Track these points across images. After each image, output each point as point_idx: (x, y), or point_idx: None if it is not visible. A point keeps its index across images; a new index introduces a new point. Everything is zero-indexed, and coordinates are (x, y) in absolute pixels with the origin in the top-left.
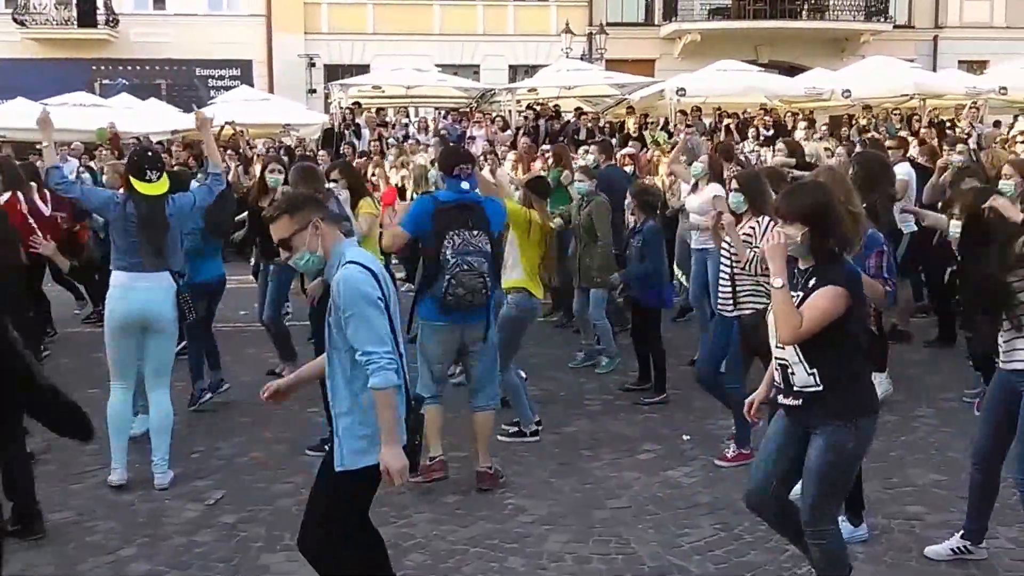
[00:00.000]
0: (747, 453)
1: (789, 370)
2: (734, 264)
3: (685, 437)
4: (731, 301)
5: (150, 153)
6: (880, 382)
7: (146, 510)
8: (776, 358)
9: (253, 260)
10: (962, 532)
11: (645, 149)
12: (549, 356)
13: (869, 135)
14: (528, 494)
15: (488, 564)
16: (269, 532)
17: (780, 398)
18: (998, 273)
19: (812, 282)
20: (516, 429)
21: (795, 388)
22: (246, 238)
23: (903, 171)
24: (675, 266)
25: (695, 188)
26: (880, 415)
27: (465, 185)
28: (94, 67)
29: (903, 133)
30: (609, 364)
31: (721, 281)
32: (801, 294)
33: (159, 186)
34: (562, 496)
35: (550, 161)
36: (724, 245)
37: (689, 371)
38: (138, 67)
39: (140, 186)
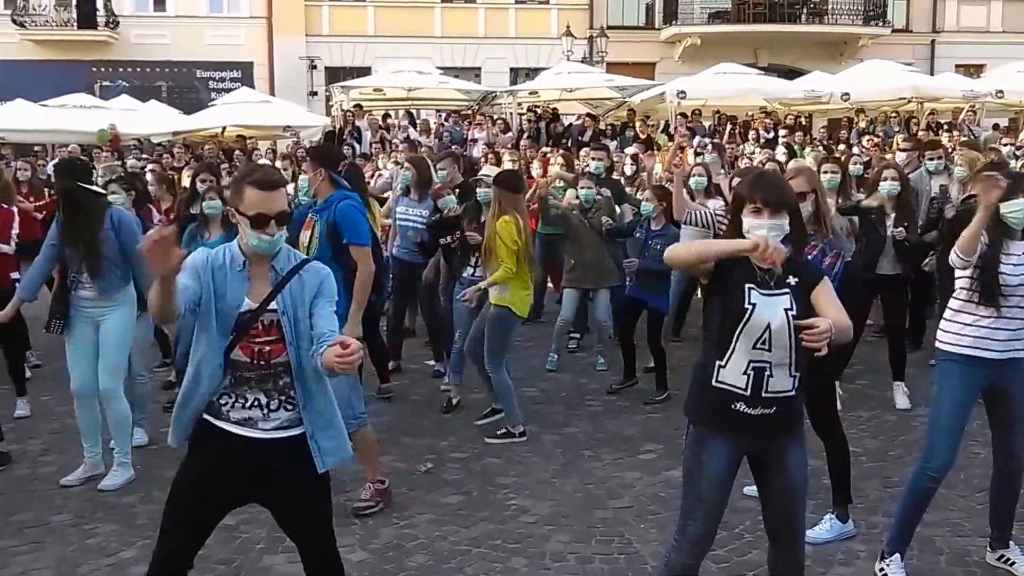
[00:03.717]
0: None
1: (767, 373)
2: None
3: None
4: None
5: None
6: (898, 389)
7: (146, 512)
8: (753, 361)
9: None
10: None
11: (650, 151)
12: (548, 357)
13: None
14: (530, 494)
15: (491, 564)
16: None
17: (742, 407)
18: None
19: (792, 279)
20: (504, 430)
21: (766, 394)
22: None
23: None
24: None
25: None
26: (880, 415)
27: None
28: (94, 69)
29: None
30: (605, 363)
31: None
32: (785, 291)
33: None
34: (564, 496)
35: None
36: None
37: (688, 371)
38: (138, 69)
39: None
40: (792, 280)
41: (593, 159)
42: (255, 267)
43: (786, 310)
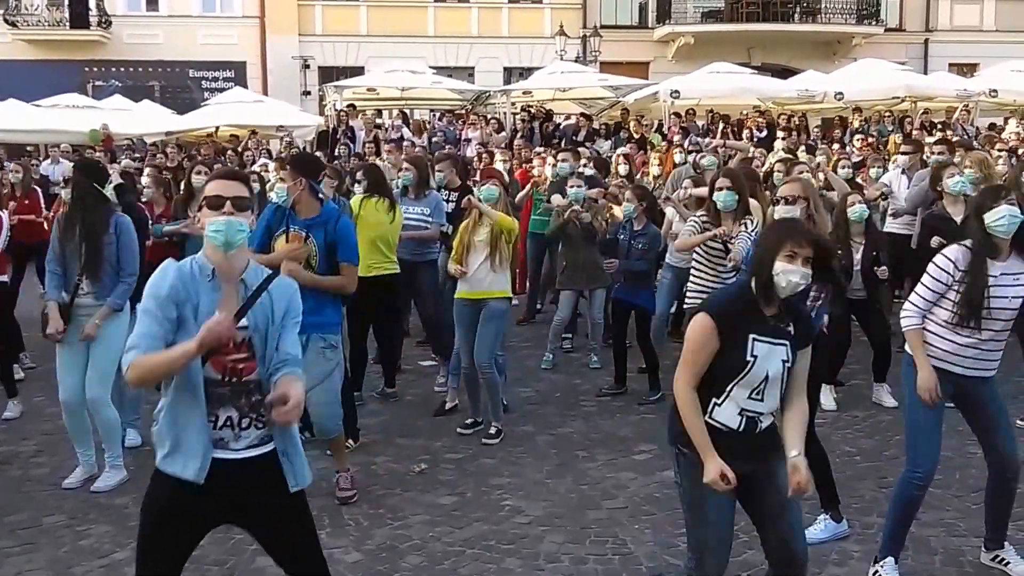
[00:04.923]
0: None
1: (759, 420)
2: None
3: None
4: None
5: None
6: (881, 390)
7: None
8: (746, 410)
9: None
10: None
11: (643, 151)
12: (543, 357)
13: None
14: (524, 495)
15: (485, 565)
16: None
17: (731, 441)
18: None
19: (791, 328)
20: (496, 429)
21: (755, 434)
22: None
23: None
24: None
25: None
26: (874, 415)
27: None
28: (86, 68)
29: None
30: (599, 360)
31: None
32: (785, 343)
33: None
34: (558, 497)
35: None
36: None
37: None
38: (131, 68)
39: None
40: (791, 328)
41: (561, 160)
42: (225, 283)
43: (783, 361)
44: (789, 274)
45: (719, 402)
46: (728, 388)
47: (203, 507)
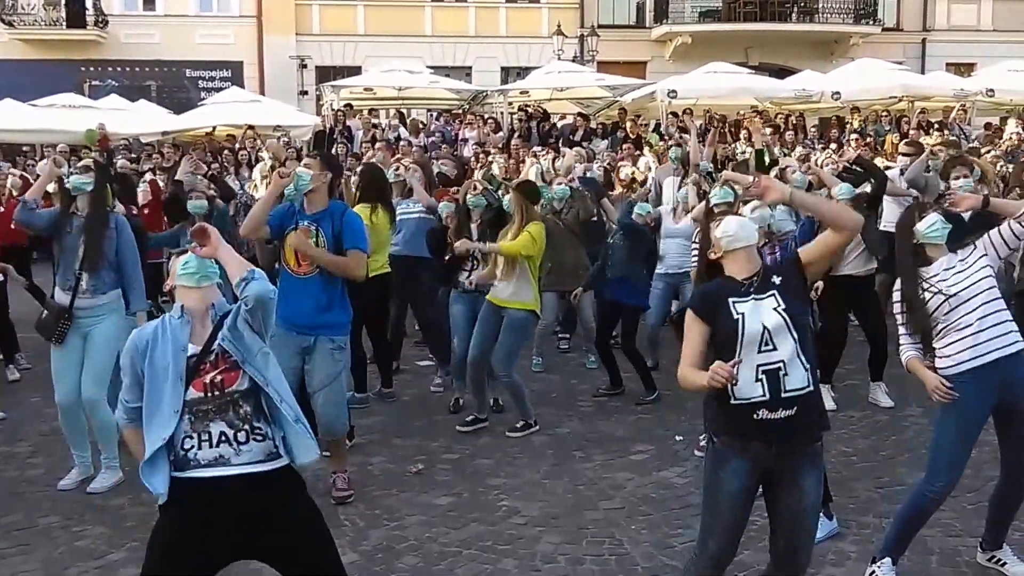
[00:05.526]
0: None
1: (782, 372)
2: None
3: (678, 437)
4: None
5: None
6: (878, 390)
7: (135, 514)
8: (763, 365)
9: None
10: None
11: (639, 151)
12: (532, 361)
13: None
14: (521, 496)
15: (481, 566)
16: None
17: (764, 414)
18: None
19: (776, 279)
20: (523, 423)
21: (785, 394)
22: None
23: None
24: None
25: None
26: (871, 415)
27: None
28: (83, 68)
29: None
30: (596, 361)
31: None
32: (771, 293)
33: None
34: (555, 497)
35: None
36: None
37: None
38: (127, 68)
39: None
40: (776, 279)
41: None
42: (195, 317)
43: (775, 309)
44: (727, 225)
45: (735, 379)
46: (736, 354)
47: (212, 539)
